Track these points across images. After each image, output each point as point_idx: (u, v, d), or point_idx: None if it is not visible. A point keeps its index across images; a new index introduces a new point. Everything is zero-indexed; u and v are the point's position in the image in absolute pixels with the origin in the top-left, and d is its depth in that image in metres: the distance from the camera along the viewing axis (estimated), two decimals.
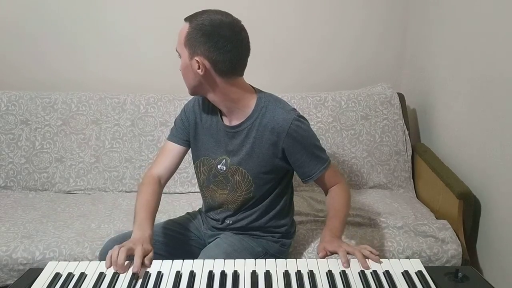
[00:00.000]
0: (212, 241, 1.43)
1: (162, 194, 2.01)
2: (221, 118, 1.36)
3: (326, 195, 1.42)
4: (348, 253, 1.14)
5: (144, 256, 1.11)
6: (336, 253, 1.16)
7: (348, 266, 1.09)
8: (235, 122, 1.33)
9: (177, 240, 1.46)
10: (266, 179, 1.36)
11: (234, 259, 1.13)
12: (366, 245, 1.18)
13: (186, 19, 1.24)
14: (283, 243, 1.47)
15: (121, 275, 1.06)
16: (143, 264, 1.09)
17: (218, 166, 1.38)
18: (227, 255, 1.28)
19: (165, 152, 1.46)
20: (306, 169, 1.34)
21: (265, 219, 1.42)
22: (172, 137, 1.46)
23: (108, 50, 2.35)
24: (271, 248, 1.44)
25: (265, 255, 1.41)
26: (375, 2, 2.31)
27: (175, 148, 1.45)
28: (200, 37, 1.20)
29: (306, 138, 1.31)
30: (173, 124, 1.50)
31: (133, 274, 1.06)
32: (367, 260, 1.11)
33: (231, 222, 1.44)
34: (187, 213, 1.61)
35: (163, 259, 1.13)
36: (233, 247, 1.35)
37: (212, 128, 1.38)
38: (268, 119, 1.29)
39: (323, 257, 1.14)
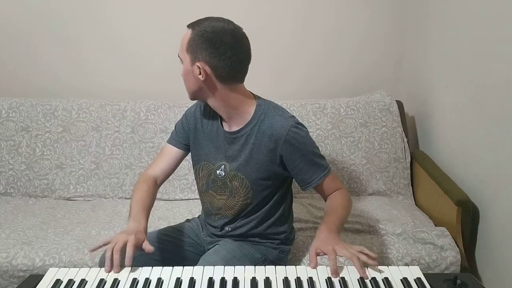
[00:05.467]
0: (211, 247, 1.43)
1: (162, 201, 2.06)
2: (221, 123, 1.38)
3: (324, 200, 1.42)
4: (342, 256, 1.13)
5: (137, 247, 1.14)
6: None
7: (337, 277, 1.08)
8: (234, 128, 1.34)
9: (176, 247, 1.47)
10: (264, 185, 1.37)
11: (233, 265, 1.13)
12: (361, 246, 1.15)
13: (188, 26, 1.26)
14: (282, 250, 1.47)
15: (121, 281, 1.07)
16: (144, 250, 1.15)
17: (217, 172, 1.39)
18: (226, 262, 1.28)
19: (163, 154, 1.48)
20: (305, 176, 1.34)
21: (264, 226, 1.42)
22: (172, 140, 1.48)
23: (109, 58, 2.37)
24: (270, 254, 1.44)
25: (264, 261, 1.42)
26: (374, 10, 2.33)
27: (173, 151, 1.47)
28: (202, 43, 1.22)
29: (304, 145, 1.32)
30: (173, 128, 1.51)
31: (133, 280, 1.07)
32: (366, 267, 1.10)
33: (230, 229, 1.44)
34: (187, 220, 1.62)
35: (162, 266, 1.13)
36: (232, 253, 1.36)
37: (212, 133, 1.39)
38: (267, 125, 1.30)
39: (314, 267, 1.11)
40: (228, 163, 1.37)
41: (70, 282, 1.07)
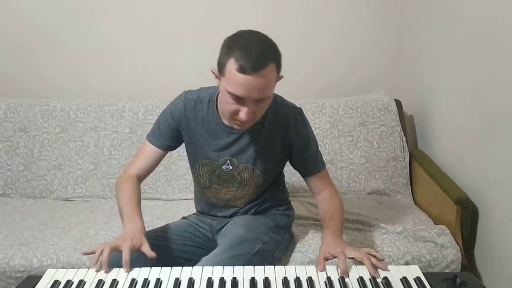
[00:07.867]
0: (223, 226, 1.46)
1: (161, 201, 2.06)
2: (220, 119, 1.36)
3: (315, 197, 1.46)
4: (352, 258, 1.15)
5: (134, 250, 1.13)
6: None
7: (347, 276, 1.09)
8: None
9: (175, 243, 1.44)
10: (273, 171, 1.44)
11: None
12: (369, 248, 1.18)
13: (264, 63, 1.15)
14: (289, 215, 1.56)
15: (119, 282, 1.06)
16: (144, 255, 1.14)
17: (223, 167, 1.40)
18: (247, 228, 1.34)
19: (145, 153, 1.43)
20: (307, 164, 1.41)
21: (269, 200, 1.51)
22: (154, 141, 1.42)
23: (108, 61, 2.37)
24: (281, 220, 1.51)
25: (277, 227, 1.46)
26: (372, 10, 2.32)
27: (155, 151, 1.42)
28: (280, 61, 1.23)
29: (308, 132, 1.40)
30: (155, 124, 1.45)
31: (132, 280, 1.06)
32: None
33: (240, 212, 1.49)
34: (183, 217, 1.61)
35: (161, 265, 1.13)
36: (250, 221, 1.41)
37: (211, 130, 1.38)
38: (274, 114, 1.35)
39: (322, 270, 1.11)
40: (234, 158, 1.39)
41: (68, 283, 1.06)
